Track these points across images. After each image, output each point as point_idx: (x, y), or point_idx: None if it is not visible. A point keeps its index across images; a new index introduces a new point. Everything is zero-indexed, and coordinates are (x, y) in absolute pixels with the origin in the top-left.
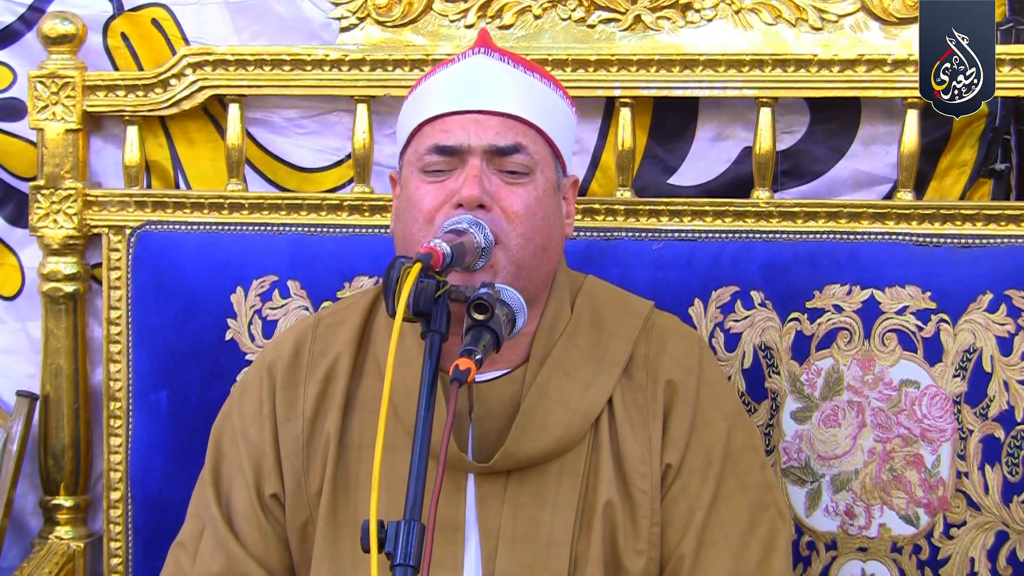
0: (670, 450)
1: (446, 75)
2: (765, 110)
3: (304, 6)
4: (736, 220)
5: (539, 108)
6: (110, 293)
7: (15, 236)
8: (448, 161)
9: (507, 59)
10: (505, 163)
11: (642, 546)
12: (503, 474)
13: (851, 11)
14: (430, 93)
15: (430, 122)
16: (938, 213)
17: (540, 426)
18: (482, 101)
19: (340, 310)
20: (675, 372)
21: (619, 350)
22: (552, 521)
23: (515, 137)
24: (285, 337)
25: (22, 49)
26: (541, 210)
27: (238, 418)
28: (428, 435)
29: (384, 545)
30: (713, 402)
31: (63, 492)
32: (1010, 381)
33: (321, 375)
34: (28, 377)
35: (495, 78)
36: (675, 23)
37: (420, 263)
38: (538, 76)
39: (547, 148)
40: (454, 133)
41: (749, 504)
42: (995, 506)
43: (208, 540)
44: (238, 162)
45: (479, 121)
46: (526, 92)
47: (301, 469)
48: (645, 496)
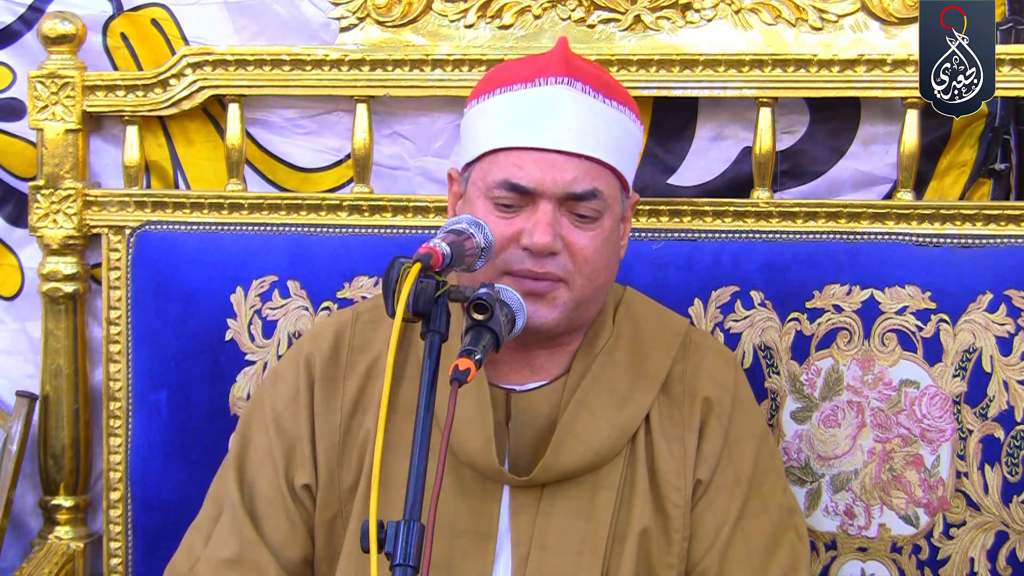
0: (702, 466)
1: (526, 98)
2: (765, 110)
3: (304, 6)
4: (736, 220)
5: (615, 143)
6: (110, 293)
7: (15, 236)
8: (519, 198)
9: (588, 88)
10: (578, 207)
11: (674, 560)
12: (539, 485)
13: (851, 11)
14: (507, 114)
15: (504, 151)
16: (938, 213)
17: (579, 439)
18: (562, 140)
19: (379, 306)
20: (712, 389)
21: (658, 366)
22: (585, 532)
23: (591, 183)
24: (323, 329)
25: (22, 49)
26: (606, 251)
27: (270, 406)
28: (428, 435)
29: (384, 545)
30: (745, 421)
31: (63, 492)
32: (1010, 381)
33: (361, 372)
34: (28, 377)
35: (577, 113)
36: (675, 23)
37: (420, 263)
38: (615, 103)
39: (617, 183)
40: (529, 172)
41: (772, 525)
42: (995, 506)
43: (224, 524)
44: (238, 162)
45: (556, 164)
46: (604, 128)
47: (336, 463)
48: (678, 511)
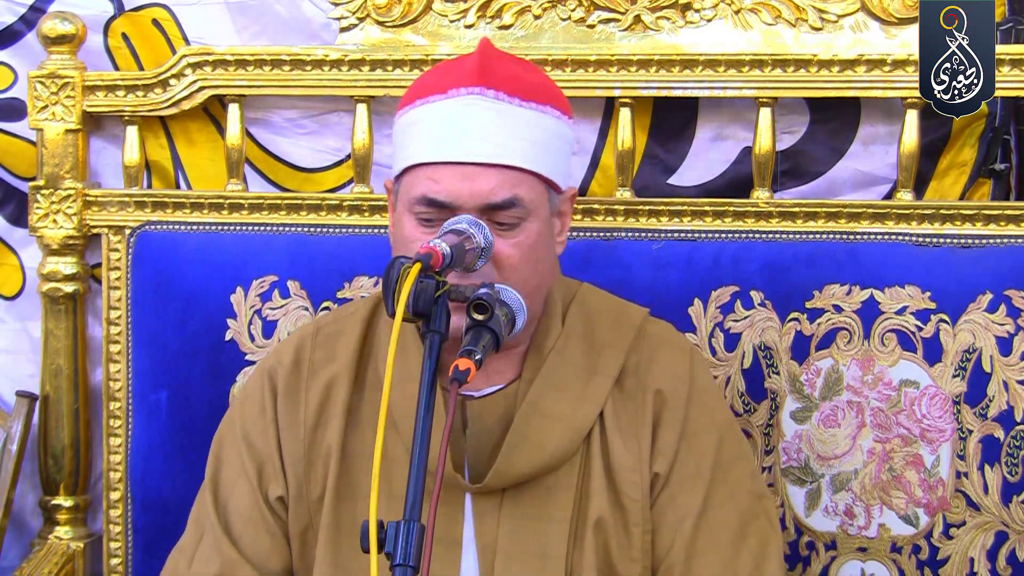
0: (659, 459)
1: (440, 111)
2: (765, 110)
3: (304, 6)
4: (736, 220)
5: (535, 147)
6: (110, 293)
7: (15, 236)
8: (440, 212)
9: (502, 95)
10: (498, 216)
11: (636, 554)
12: (499, 490)
13: (851, 11)
14: (424, 128)
15: (422, 166)
16: (938, 213)
17: (532, 443)
18: (476, 152)
19: (340, 318)
20: (665, 382)
21: (611, 361)
22: (546, 534)
23: (510, 190)
24: (285, 344)
25: (22, 49)
26: (534, 255)
27: (240, 424)
28: (428, 435)
29: (384, 545)
30: (704, 412)
31: (63, 492)
32: (1009, 381)
33: (322, 384)
34: (28, 377)
35: (491, 122)
36: (675, 23)
37: (420, 263)
38: (534, 104)
39: (542, 186)
40: (446, 186)
41: (740, 514)
42: (995, 506)
43: (206, 544)
44: (238, 162)
45: (472, 176)
46: (522, 133)
47: (303, 476)
48: (636, 504)
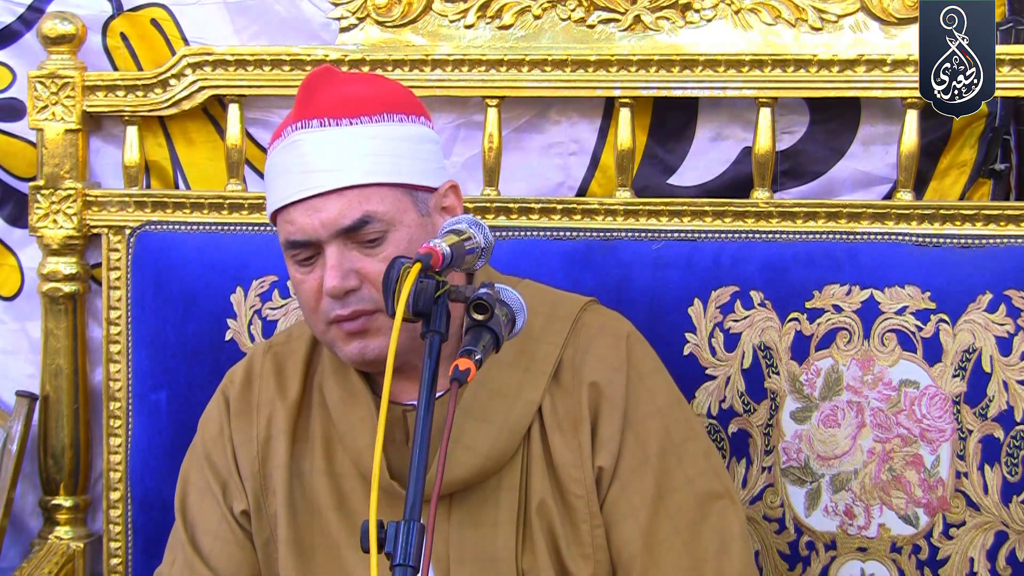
0: (601, 453)
1: (279, 155)
2: (765, 110)
3: (304, 6)
4: (736, 220)
5: (379, 159)
6: (110, 293)
7: (15, 236)
8: (309, 250)
9: (326, 120)
10: (359, 236)
11: (587, 551)
12: (445, 498)
13: (851, 11)
14: (272, 173)
15: (279, 212)
16: (938, 213)
17: (468, 448)
18: (313, 184)
19: (291, 339)
20: (600, 373)
21: (546, 357)
22: (495, 537)
23: (360, 209)
24: (238, 365)
25: (22, 49)
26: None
27: (201, 446)
28: (428, 435)
29: (384, 545)
30: (645, 398)
31: (63, 492)
32: (1009, 381)
33: (269, 400)
34: (28, 377)
35: (321, 151)
36: (675, 23)
37: (420, 263)
38: (364, 118)
39: (399, 192)
40: (300, 225)
41: (696, 495)
42: (994, 506)
43: (178, 565)
44: (238, 162)
45: (318, 207)
46: (360, 150)
47: (259, 490)
48: (581, 500)
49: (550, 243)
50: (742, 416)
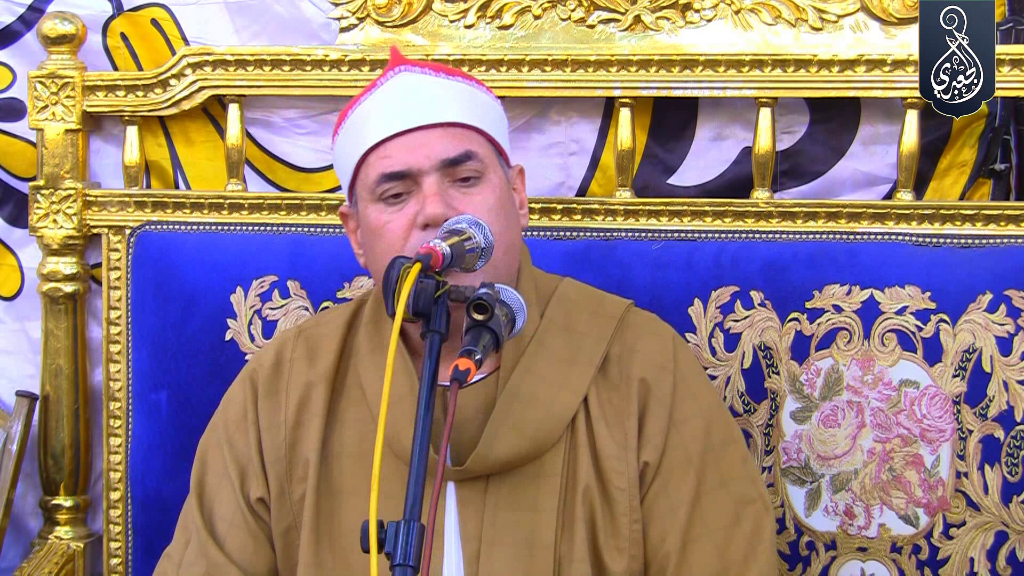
0: (647, 448)
1: (373, 101)
2: (765, 110)
3: (304, 6)
4: (736, 220)
5: (475, 110)
6: (110, 293)
7: (15, 236)
8: (403, 184)
9: (428, 70)
10: (458, 172)
11: (623, 544)
12: (482, 479)
13: (851, 11)
14: (363, 122)
15: (373, 151)
16: (938, 213)
17: (513, 429)
18: (420, 116)
19: (322, 323)
20: (648, 371)
21: (593, 350)
22: (533, 523)
23: (462, 145)
24: (267, 347)
25: (22, 49)
26: (502, 209)
27: (223, 428)
28: (427, 435)
29: (384, 545)
30: (690, 399)
31: (63, 492)
32: (1009, 381)
33: (302, 385)
34: (28, 377)
35: (424, 90)
36: (675, 23)
37: (420, 263)
38: (460, 79)
39: (491, 147)
40: (400, 157)
41: (732, 499)
42: (995, 506)
43: (192, 549)
44: (238, 162)
45: (421, 139)
46: (458, 97)
47: (284, 476)
48: (623, 494)
49: (550, 243)
50: (742, 416)
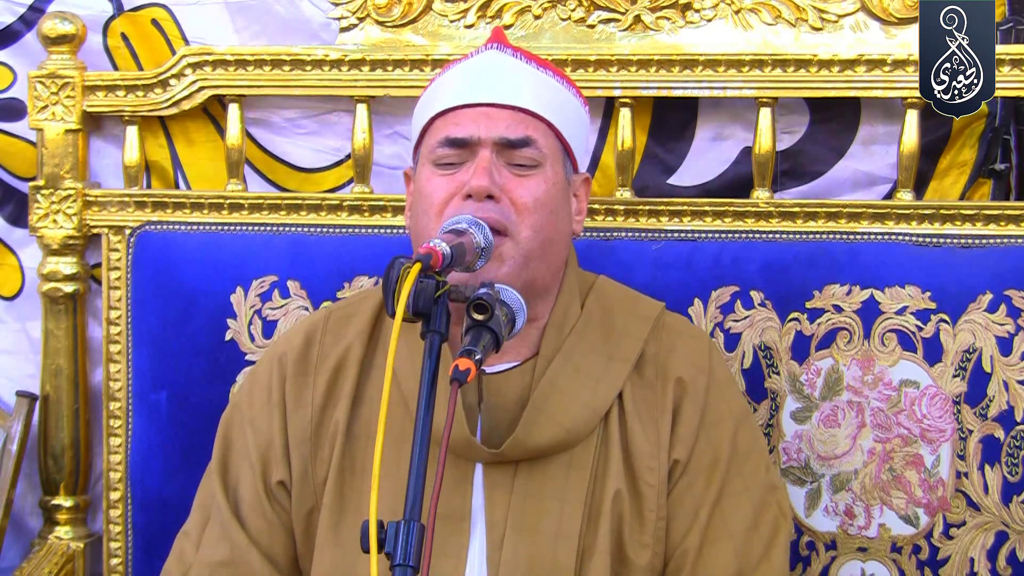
0: (679, 446)
1: (459, 71)
2: (765, 110)
3: (304, 6)
4: (736, 220)
5: (551, 104)
6: (110, 293)
7: (15, 236)
8: (459, 153)
9: (520, 55)
10: (515, 156)
11: (647, 539)
12: (511, 465)
13: (851, 11)
14: (443, 88)
15: (442, 115)
16: (938, 213)
17: (550, 417)
18: (493, 94)
19: (352, 303)
20: (685, 371)
21: (629, 348)
22: (560, 513)
23: (525, 130)
24: (296, 329)
25: (22, 49)
26: (550, 203)
27: (247, 408)
28: (428, 434)
29: (384, 545)
30: (722, 402)
31: (63, 492)
32: (1010, 381)
33: (331, 366)
34: (28, 377)
35: (507, 73)
36: (675, 23)
37: (419, 263)
38: (550, 73)
39: (557, 143)
40: (464, 126)
41: (753, 503)
42: (995, 506)
43: (213, 529)
44: (238, 162)
45: (489, 114)
46: (538, 87)
47: (309, 457)
48: (652, 490)
49: None
50: None
